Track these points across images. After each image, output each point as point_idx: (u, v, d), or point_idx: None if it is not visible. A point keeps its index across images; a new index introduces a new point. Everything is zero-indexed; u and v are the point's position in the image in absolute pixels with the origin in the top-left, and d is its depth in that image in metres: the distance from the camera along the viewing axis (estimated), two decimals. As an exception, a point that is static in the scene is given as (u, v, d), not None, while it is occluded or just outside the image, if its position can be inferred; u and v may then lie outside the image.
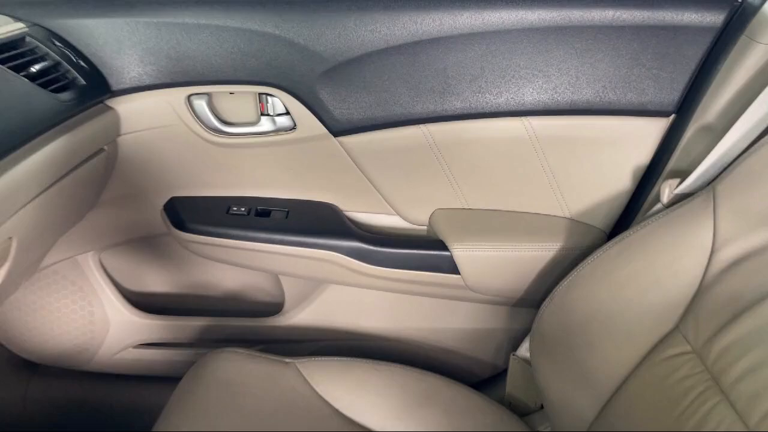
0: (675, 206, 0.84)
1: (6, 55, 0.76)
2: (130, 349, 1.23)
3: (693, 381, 0.70)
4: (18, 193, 0.68)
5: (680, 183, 0.88)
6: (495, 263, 1.01)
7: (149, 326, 1.21)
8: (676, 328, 0.76)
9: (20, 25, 0.85)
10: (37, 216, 0.75)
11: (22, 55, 0.79)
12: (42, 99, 0.76)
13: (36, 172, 0.71)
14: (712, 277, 0.75)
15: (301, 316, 1.16)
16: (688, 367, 0.72)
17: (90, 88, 0.86)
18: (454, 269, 1.02)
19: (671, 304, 0.78)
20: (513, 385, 1.07)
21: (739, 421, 0.62)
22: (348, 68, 0.92)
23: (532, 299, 1.02)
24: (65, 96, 0.80)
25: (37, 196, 0.73)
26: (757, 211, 0.74)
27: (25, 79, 0.75)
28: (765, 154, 0.75)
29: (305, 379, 0.94)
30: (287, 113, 0.97)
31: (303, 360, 0.97)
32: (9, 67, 0.75)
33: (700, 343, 0.72)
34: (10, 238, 0.70)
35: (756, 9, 0.83)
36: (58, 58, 0.84)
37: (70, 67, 0.84)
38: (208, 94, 0.96)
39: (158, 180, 1.04)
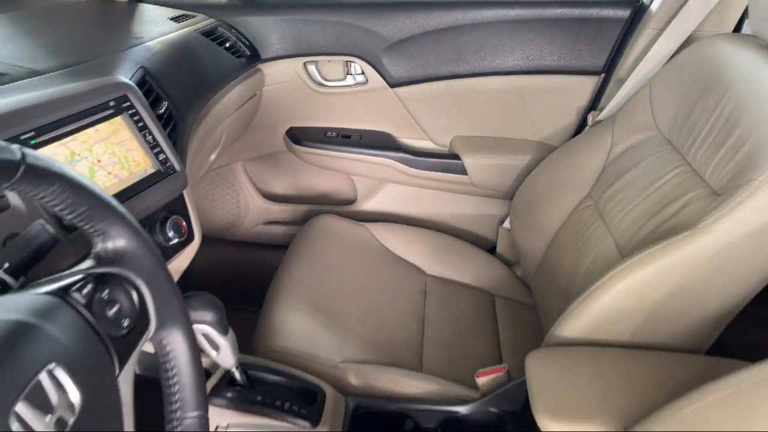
0: (594, 127, 1.30)
1: (212, 36, 1.28)
2: (261, 225, 1.73)
3: (590, 218, 1.15)
4: (228, 107, 1.21)
5: (599, 113, 1.33)
6: (490, 169, 1.48)
7: (274, 210, 1.71)
8: (588, 194, 1.21)
9: (212, 20, 1.35)
10: (232, 124, 1.28)
11: (217, 37, 1.30)
12: (234, 60, 1.28)
13: (234, 98, 1.23)
14: (609, 162, 1.19)
15: (367, 205, 1.65)
16: (589, 212, 1.17)
17: (251, 56, 1.37)
18: (464, 172, 1.48)
19: (587, 181, 1.21)
20: (501, 246, 1.54)
21: (606, 231, 1.08)
22: (400, 45, 1.40)
23: (514, 192, 1.46)
24: (242, 60, 1.32)
25: (232, 113, 1.25)
26: (633, 125, 1.17)
27: (224, 50, 1.27)
28: (639, 97, 1.18)
29: (372, 233, 1.43)
30: (362, 73, 1.45)
31: (371, 223, 1.46)
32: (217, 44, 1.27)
33: (597, 198, 1.17)
34: (222, 132, 1.22)
35: (648, 6, 1.27)
36: (234, 39, 1.35)
37: (241, 44, 1.36)
38: (316, 62, 1.46)
39: (283, 115, 1.55)
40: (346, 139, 1.54)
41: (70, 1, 1.31)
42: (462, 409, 0.94)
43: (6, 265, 0.50)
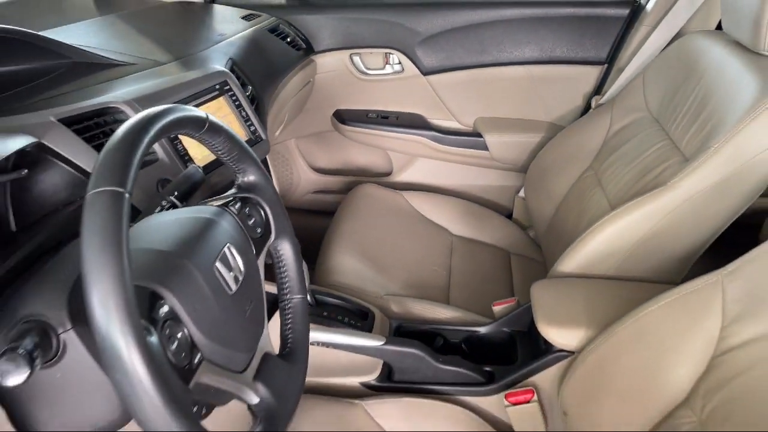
0: (597, 109, 1.49)
1: (276, 32, 1.49)
2: (310, 194, 1.95)
3: (590, 185, 1.33)
4: (290, 92, 1.42)
5: (601, 98, 1.52)
6: (508, 145, 1.68)
7: (321, 181, 1.93)
8: (590, 165, 1.40)
9: (274, 18, 1.57)
10: (293, 105, 1.49)
11: (280, 33, 1.52)
12: (294, 53, 1.49)
13: (294, 84, 1.45)
14: (608, 139, 1.37)
15: (402, 176, 1.86)
16: (590, 180, 1.36)
17: (307, 49, 1.59)
18: (485, 148, 1.69)
19: (589, 154, 1.39)
20: (516, 212, 1.73)
21: (603, 194, 1.27)
22: (432, 39, 1.60)
23: (528, 165, 1.64)
24: (299, 52, 1.53)
25: (293, 97, 1.47)
26: (628, 107, 1.35)
27: (286, 44, 1.49)
28: (635, 83, 1.35)
29: (406, 200, 1.64)
30: (399, 63, 1.66)
31: (405, 192, 1.67)
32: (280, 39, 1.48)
33: (597, 168, 1.36)
34: (286, 113, 1.44)
35: (644, 7, 1.45)
36: (293, 34, 1.56)
37: (298, 39, 1.57)
38: (360, 54, 1.67)
39: (331, 99, 1.76)
40: (384, 119, 1.75)
41: (156, 3, 1.54)
42: (481, 329, 1.15)
43: (176, 193, 0.73)
